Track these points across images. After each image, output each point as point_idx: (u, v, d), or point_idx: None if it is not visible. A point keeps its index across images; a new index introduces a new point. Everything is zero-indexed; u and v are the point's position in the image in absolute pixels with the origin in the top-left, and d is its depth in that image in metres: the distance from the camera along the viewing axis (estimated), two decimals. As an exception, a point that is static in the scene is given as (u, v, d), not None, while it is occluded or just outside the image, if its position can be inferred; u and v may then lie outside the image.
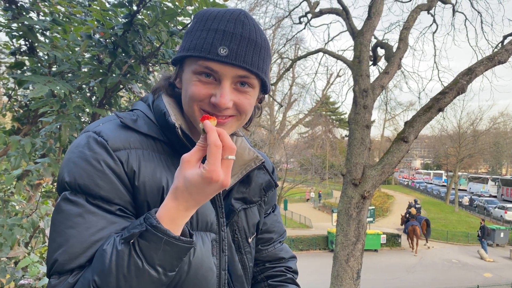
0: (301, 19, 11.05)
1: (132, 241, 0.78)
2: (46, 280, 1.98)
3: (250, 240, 1.16)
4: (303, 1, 10.74)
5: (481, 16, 10.69)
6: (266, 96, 1.16)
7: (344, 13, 9.25)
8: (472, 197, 38.12)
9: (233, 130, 1.01)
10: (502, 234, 22.47)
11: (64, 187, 0.88)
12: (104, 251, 0.79)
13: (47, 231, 2.19)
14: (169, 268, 0.82)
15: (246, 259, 1.16)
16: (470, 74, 7.48)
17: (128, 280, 0.78)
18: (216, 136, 0.80)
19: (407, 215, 21.99)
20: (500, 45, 8.97)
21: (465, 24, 11.08)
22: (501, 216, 28.80)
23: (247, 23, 0.94)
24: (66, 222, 0.84)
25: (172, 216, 0.81)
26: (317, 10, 10.11)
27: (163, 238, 0.78)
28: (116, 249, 0.78)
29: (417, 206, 23.76)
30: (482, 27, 10.86)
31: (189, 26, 1.02)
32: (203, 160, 0.82)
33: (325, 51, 10.31)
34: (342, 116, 46.69)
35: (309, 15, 10.50)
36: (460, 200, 36.73)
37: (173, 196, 0.82)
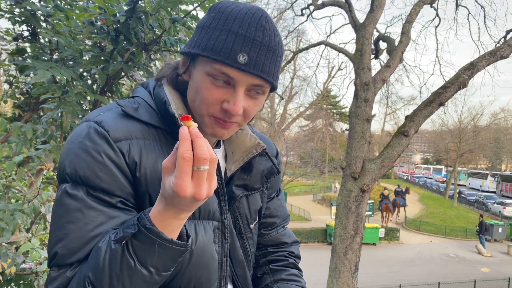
0: (303, 11, 11.00)
1: (124, 241, 0.78)
2: (47, 265, 2.00)
3: (252, 226, 1.17)
4: (305, -7, 10.68)
5: (484, 10, 10.65)
6: None
7: (346, 5, 9.21)
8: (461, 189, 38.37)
9: (232, 133, 1.01)
10: (500, 230, 22.56)
11: (65, 178, 0.87)
12: (99, 248, 0.80)
13: (48, 217, 2.20)
14: (162, 269, 0.81)
15: (247, 244, 1.16)
16: (472, 68, 7.46)
17: (120, 279, 0.78)
18: (185, 147, 0.74)
19: (381, 196, 25.65)
20: (502, 40, 8.95)
21: (468, 19, 11.04)
22: (499, 211, 28.89)
23: (268, 28, 0.91)
24: (66, 217, 0.84)
25: (164, 219, 0.79)
26: (319, 2, 10.06)
27: (156, 241, 0.77)
28: (110, 248, 0.78)
29: (397, 190, 27.30)
30: (485, 22, 10.83)
31: (204, 18, 0.97)
32: None
33: (327, 44, 10.28)
34: (343, 110, 46.62)
35: (312, 7, 10.46)
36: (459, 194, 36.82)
37: (161, 201, 0.79)
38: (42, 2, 2.14)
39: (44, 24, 2.04)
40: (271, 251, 1.30)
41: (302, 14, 11.13)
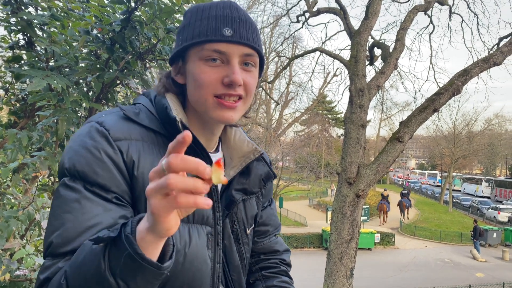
0: (299, 18, 11.06)
1: (102, 243, 0.72)
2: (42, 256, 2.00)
3: (248, 231, 1.20)
4: (301, 0, 10.76)
5: (477, 18, 10.75)
6: (263, 94, 1.20)
7: (341, 12, 9.28)
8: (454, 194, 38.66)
9: (241, 115, 1.04)
10: (494, 235, 22.64)
11: (64, 173, 0.90)
12: (84, 245, 0.77)
13: (43, 224, 2.21)
14: (133, 286, 0.72)
15: (243, 250, 1.19)
16: (465, 75, 7.54)
17: (89, 281, 0.72)
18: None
19: (382, 195, 28.03)
20: (495, 47, 9.05)
21: (461, 26, 11.15)
22: (494, 216, 29.00)
23: (239, 9, 1.01)
24: (63, 207, 0.86)
25: (144, 235, 0.69)
26: (315, 9, 10.14)
27: (127, 251, 0.68)
28: (91, 246, 0.73)
29: (403, 192, 30.13)
30: (478, 29, 10.93)
31: (182, 22, 1.05)
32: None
33: (322, 50, 10.33)
34: (338, 115, 46.74)
35: (307, 14, 10.52)
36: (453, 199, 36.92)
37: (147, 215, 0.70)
38: (38, 10, 2.16)
39: (40, 33, 2.05)
40: (264, 258, 1.33)
41: (298, 21, 11.19)
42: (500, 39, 8.70)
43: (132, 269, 0.70)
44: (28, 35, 2.02)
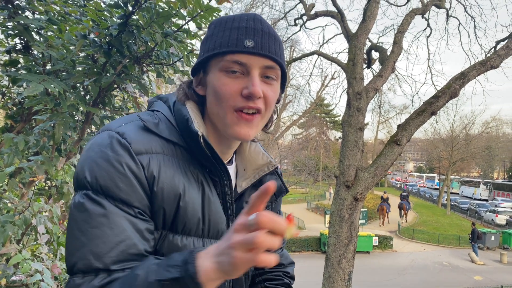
0: (297, 21, 11.09)
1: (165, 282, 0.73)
2: (37, 277, 1.99)
3: None
4: (298, 3, 10.78)
5: (474, 21, 10.78)
6: None
7: (339, 16, 9.31)
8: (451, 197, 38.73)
9: (259, 130, 1.02)
10: (492, 238, 22.65)
11: (85, 185, 0.87)
12: (137, 276, 0.77)
13: (39, 229, 2.20)
14: None
15: None
16: (463, 78, 7.56)
17: None
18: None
19: (381, 198, 28.76)
20: (492, 50, 9.08)
21: (458, 29, 11.24)
22: (492, 219, 29.03)
23: (263, 21, 1.01)
24: (90, 222, 0.83)
25: (211, 277, 0.73)
26: (312, 12, 10.16)
27: None
28: (147, 280, 0.75)
29: (403, 194, 30.85)
30: (475, 32, 10.96)
31: (206, 34, 1.04)
32: None
33: (320, 54, 10.36)
34: (336, 118, 46.83)
35: (305, 17, 10.54)
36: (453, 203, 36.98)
37: (215, 261, 0.73)
38: (35, 15, 2.16)
39: (37, 37, 2.05)
40: (268, 270, 1.33)
41: (296, 24, 11.22)
42: (497, 42, 8.72)
43: None
44: (25, 39, 2.01)
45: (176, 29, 2.12)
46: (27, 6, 2.00)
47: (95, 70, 2.04)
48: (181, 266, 0.73)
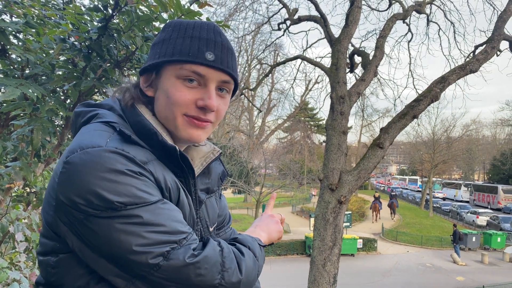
0: (280, 26, 11.14)
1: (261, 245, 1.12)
2: (15, 286, 1.94)
3: (211, 229, 1.20)
4: (282, 8, 10.84)
5: (454, 26, 11.01)
6: (246, 101, 1.26)
7: (322, 20, 9.39)
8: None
9: (208, 135, 1.05)
10: (474, 239, 23.05)
11: (115, 208, 0.82)
12: (250, 239, 1.10)
13: (17, 236, 2.14)
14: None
15: None
16: (443, 82, 7.71)
17: (255, 264, 1.02)
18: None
19: (374, 196, 31.40)
20: (471, 54, 9.28)
21: (438, 34, 11.45)
22: (473, 221, 29.54)
23: (222, 33, 1.03)
24: (149, 218, 0.85)
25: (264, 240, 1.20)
26: (295, 17, 10.22)
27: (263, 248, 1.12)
28: (255, 245, 1.07)
29: (392, 193, 34.02)
30: (455, 37, 11.18)
31: (161, 35, 1.03)
32: None
33: (304, 58, 10.42)
34: (320, 122, 47.16)
35: (288, 22, 10.60)
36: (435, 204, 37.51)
37: (263, 233, 1.23)
38: (13, 18, 2.12)
39: (14, 40, 2.01)
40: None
41: (279, 29, 11.26)
42: (476, 47, 8.92)
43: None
44: (2, 43, 1.97)
45: (157, 32, 2.11)
46: (4, 9, 1.96)
47: (75, 74, 2.01)
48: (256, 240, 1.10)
